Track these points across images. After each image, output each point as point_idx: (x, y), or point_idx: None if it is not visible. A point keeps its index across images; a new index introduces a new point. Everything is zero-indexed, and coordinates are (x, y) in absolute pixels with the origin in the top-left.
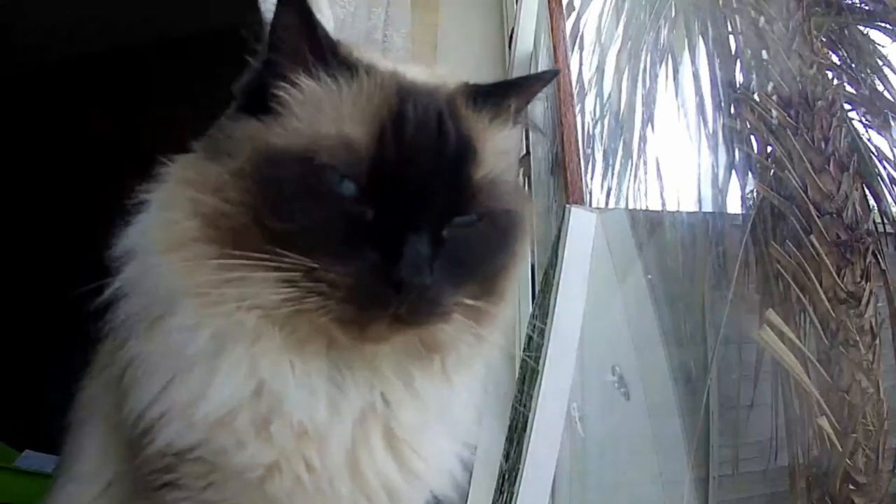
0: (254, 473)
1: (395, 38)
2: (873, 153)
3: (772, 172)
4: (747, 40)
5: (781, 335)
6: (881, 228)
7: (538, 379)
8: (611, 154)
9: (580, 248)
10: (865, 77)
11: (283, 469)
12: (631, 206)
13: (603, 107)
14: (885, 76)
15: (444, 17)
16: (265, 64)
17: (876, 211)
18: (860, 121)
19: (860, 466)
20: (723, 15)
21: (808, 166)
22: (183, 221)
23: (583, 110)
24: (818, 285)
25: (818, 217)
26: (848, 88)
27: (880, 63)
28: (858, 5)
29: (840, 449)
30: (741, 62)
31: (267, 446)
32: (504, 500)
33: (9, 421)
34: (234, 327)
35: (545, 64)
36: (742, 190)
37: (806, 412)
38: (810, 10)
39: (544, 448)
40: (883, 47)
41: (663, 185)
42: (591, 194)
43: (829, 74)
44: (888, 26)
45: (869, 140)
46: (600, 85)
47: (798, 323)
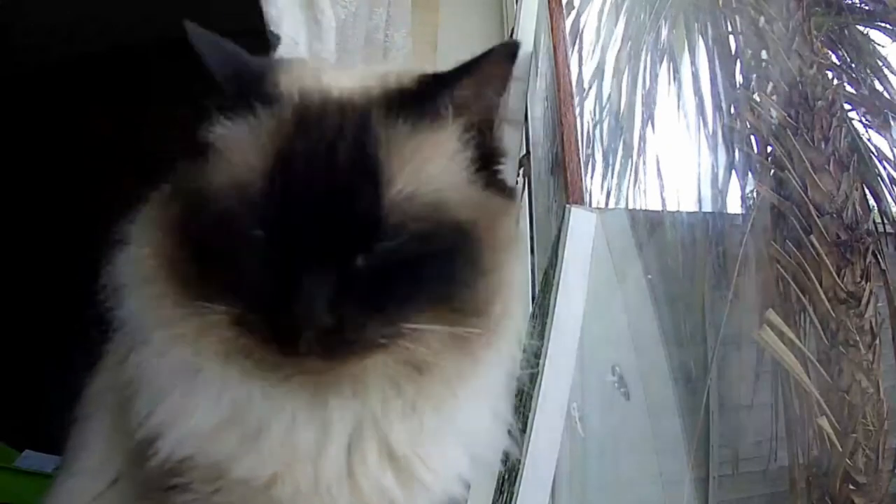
0: (257, 481)
1: (396, 38)
2: (873, 153)
3: (772, 172)
4: (747, 40)
5: (781, 335)
6: (881, 228)
7: (538, 379)
8: (611, 154)
9: (580, 248)
10: (865, 77)
11: (285, 479)
12: (631, 206)
13: (603, 107)
14: (885, 76)
15: (445, 17)
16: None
17: (876, 211)
18: (860, 121)
19: (860, 466)
20: (723, 15)
21: (808, 166)
22: (150, 258)
23: (582, 110)
24: (818, 285)
25: (818, 217)
26: (848, 88)
27: (880, 63)
28: (858, 5)
29: (840, 449)
30: (741, 62)
31: (261, 460)
32: (504, 500)
33: (9, 421)
34: (202, 356)
35: (545, 64)
36: (742, 190)
37: (806, 412)
38: (810, 10)
39: (544, 448)
40: (883, 47)
41: (663, 185)
42: (591, 194)
43: (829, 74)
44: (888, 26)
45: (869, 140)
46: (600, 85)
47: (798, 323)
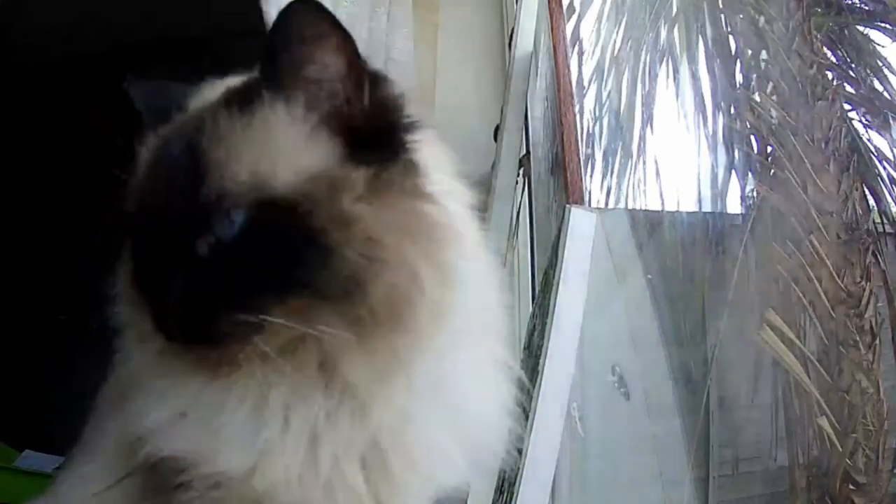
0: (235, 472)
1: (397, 38)
2: (873, 153)
3: (772, 172)
4: (747, 40)
5: (781, 335)
6: (881, 228)
7: (538, 379)
8: (611, 154)
9: (580, 248)
10: (865, 77)
11: (261, 471)
12: (631, 206)
13: (603, 107)
14: (885, 76)
15: (445, 17)
16: None
17: (876, 211)
18: (860, 121)
19: (860, 466)
20: (723, 15)
21: (808, 166)
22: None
23: (582, 110)
24: (818, 285)
25: (818, 217)
26: (848, 88)
27: (880, 63)
28: (858, 5)
29: (840, 449)
30: (741, 62)
31: (236, 454)
32: (504, 500)
33: (9, 421)
34: (146, 359)
35: (545, 64)
36: (742, 190)
37: (806, 412)
38: (810, 10)
39: (544, 448)
40: (883, 47)
41: (663, 185)
42: (591, 194)
43: (829, 74)
44: (888, 26)
45: (869, 140)
46: (600, 85)
47: (798, 323)
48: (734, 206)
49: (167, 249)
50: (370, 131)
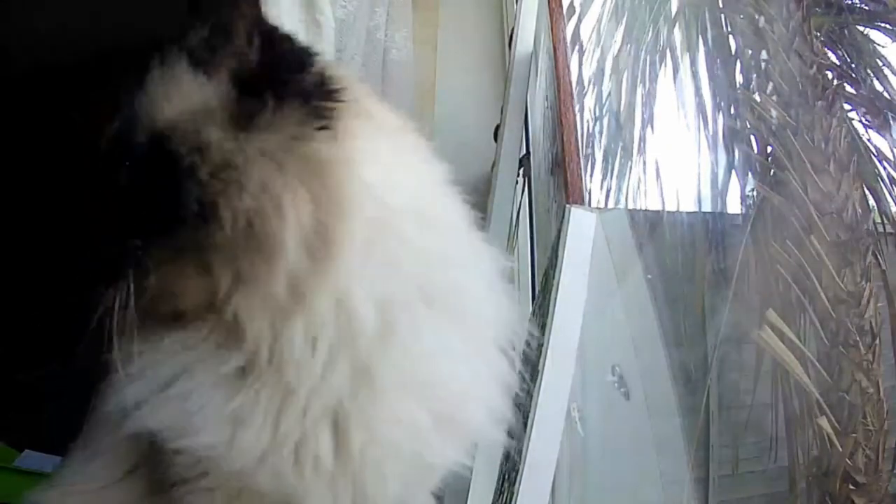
0: (214, 450)
1: (397, 38)
2: (873, 153)
3: (772, 172)
4: (747, 40)
5: (781, 335)
6: (881, 228)
7: (538, 379)
8: (610, 154)
9: (580, 249)
10: (865, 77)
11: (242, 445)
12: (631, 206)
13: (603, 106)
14: (885, 76)
15: (445, 17)
16: None
17: (876, 211)
18: (860, 121)
19: (860, 466)
20: (723, 15)
21: (808, 166)
22: None
23: (582, 110)
24: (818, 285)
25: (818, 217)
26: (848, 88)
27: (880, 63)
28: (858, 5)
29: (840, 449)
30: (741, 62)
31: (211, 427)
32: (504, 500)
33: (9, 421)
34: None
35: (545, 64)
36: (742, 190)
37: (806, 412)
38: (810, 10)
39: (544, 448)
40: (883, 47)
41: (663, 186)
42: (591, 194)
43: (829, 74)
44: (888, 26)
45: (869, 140)
46: (600, 84)
47: (798, 323)
48: (734, 206)
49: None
50: (256, 81)
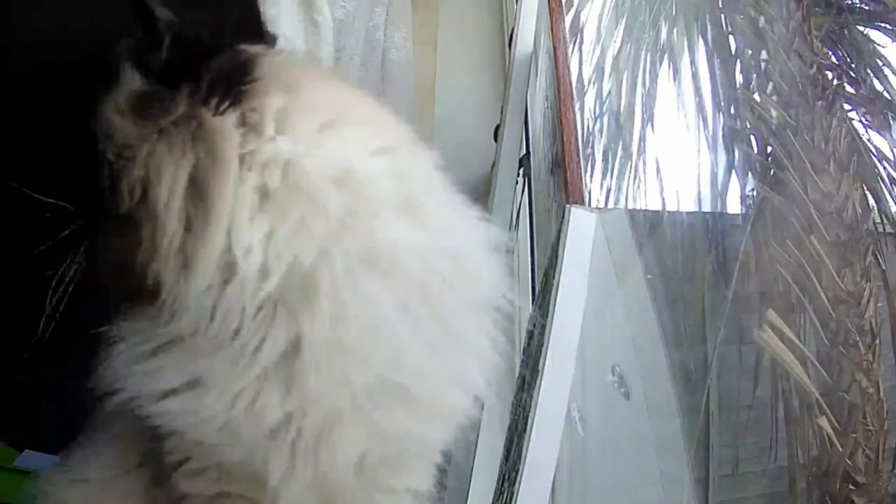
0: (198, 416)
1: (396, 38)
2: (873, 153)
3: (772, 172)
4: (747, 40)
5: (781, 335)
6: (881, 228)
7: (538, 379)
8: (610, 154)
9: (580, 249)
10: (865, 77)
11: (204, 406)
12: (631, 206)
13: (603, 106)
14: (885, 76)
15: (444, 17)
16: None
17: (876, 211)
18: (860, 121)
19: (860, 466)
20: (723, 15)
21: (808, 166)
22: None
23: (582, 109)
24: (818, 285)
25: (818, 217)
26: (848, 88)
27: (880, 63)
28: (858, 5)
29: (840, 449)
30: (741, 62)
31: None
32: (504, 500)
33: (9, 421)
34: None
35: (545, 64)
36: (742, 190)
37: (806, 412)
38: (810, 10)
39: (544, 448)
40: (883, 47)
41: (663, 185)
42: (591, 194)
43: (829, 74)
44: (888, 26)
45: (869, 140)
46: (600, 84)
47: (798, 323)
48: (734, 206)
49: None
50: (163, 73)
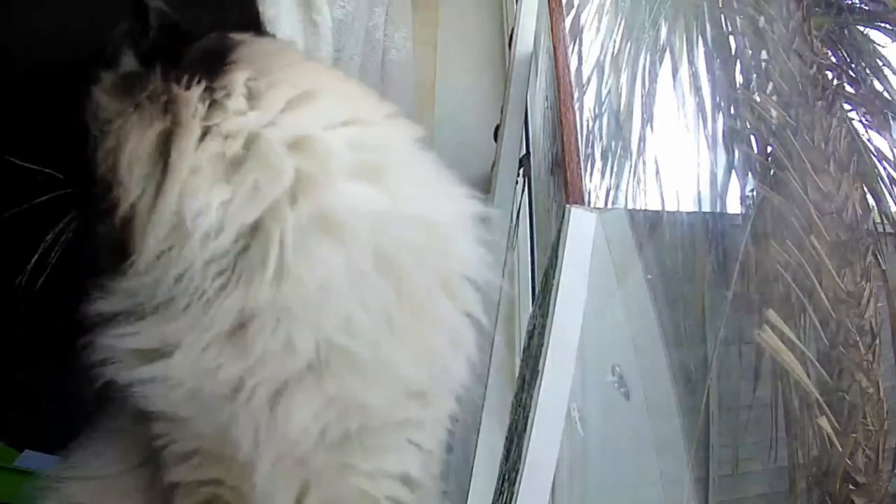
0: (170, 382)
1: (396, 37)
2: (873, 153)
3: (772, 172)
4: (747, 40)
5: (781, 335)
6: (881, 228)
7: (538, 379)
8: (610, 154)
9: (580, 249)
10: (865, 77)
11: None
12: (631, 206)
13: (602, 106)
14: (885, 76)
15: (444, 17)
16: None
17: (876, 211)
18: (860, 121)
19: (860, 466)
20: (723, 15)
21: (808, 166)
22: None
23: (582, 109)
24: (818, 285)
25: (818, 217)
26: (848, 88)
27: (880, 63)
28: (858, 5)
29: (840, 449)
30: (741, 62)
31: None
32: (504, 500)
33: (9, 421)
34: None
35: (545, 64)
36: (742, 190)
37: (806, 412)
38: (810, 10)
39: (544, 448)
40: (883, 47)
41: (663, 186)
42: (591, 194)
43: (829, 74)
44: (888, 26)
45: (869, 140)
46: (600, 84)
47: (798, 323)
48: (734, 206)
49: None
50: (148, 56)
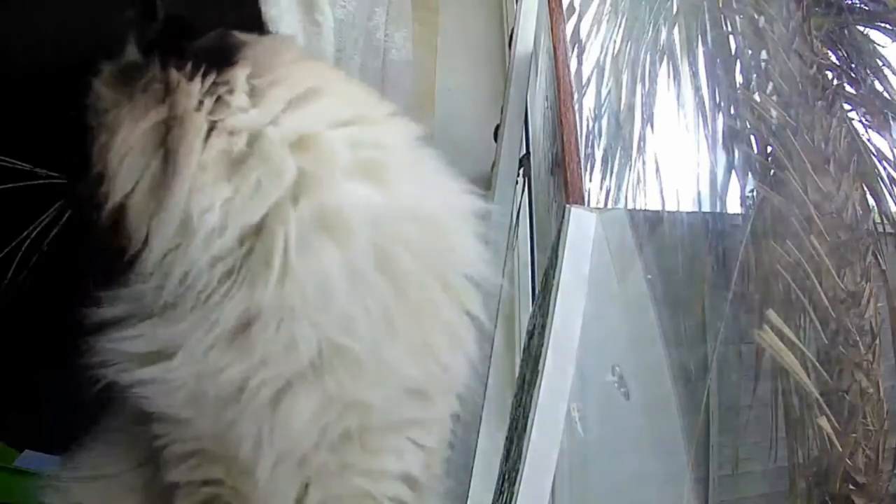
0: (173, 383)
1: (396, 38)
2: (873, 153)
3: (772, 172)
4: (747, 40)
5: (781, 335)
6: (881, 228)
7: (538, 379)
8: (610, 154)
9: (580, 249)
10: (865, 77)
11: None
12: (631, 206)
13: (602, 106)
14: (885, 76)
15: (444, 18)
16: None
17: (876, 211)
18: (860, 121)
19: (860, 466)
20: (723, 15)
21: (808, 166)
22: None
23: (582, 109)
24: (818, 285)
25: (818, 217)
26: (848, 88)
27: (880, 63)
28: (858, 5)
29: (840, 449)
30: (741, 62)
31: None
32: (504, 500)
33: (9, 421)
34: None
35: (545, 64)
36: (742, 190)
37: (806, 412)
38: (810, 10)
39: (544, 448)
40: (883, 47)
41: (663, 186)
42: (591, 194)
43: (829, 74)
44: (888, 26)
45: (869, 140)
46: (600, 84)
47: (798, 323)
48: (734, 206)
49: None
50: (149, 50)
